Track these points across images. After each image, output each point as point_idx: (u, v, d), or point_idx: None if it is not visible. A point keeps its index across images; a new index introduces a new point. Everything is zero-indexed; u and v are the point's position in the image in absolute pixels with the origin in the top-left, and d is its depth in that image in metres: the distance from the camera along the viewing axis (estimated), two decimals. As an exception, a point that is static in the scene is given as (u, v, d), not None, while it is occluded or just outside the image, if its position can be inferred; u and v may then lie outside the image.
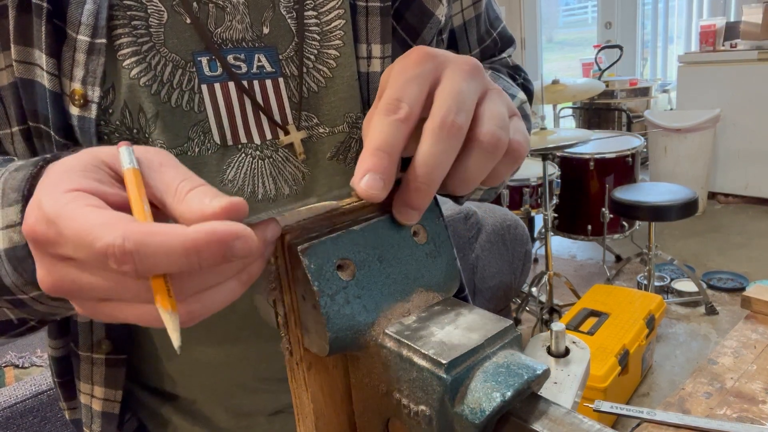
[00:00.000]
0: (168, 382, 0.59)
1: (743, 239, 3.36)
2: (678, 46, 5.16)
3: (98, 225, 0.26)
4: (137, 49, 0.47)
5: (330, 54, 0.52)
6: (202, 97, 0.49)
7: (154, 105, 0.47)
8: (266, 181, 0.52)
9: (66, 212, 0.26)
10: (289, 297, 0.33)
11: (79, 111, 0.45)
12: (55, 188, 0.28)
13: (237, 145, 0.51)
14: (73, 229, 0.26)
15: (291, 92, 0.52)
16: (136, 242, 0.25)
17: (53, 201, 0.27)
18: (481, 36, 0.66)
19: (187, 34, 0.48)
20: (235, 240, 0.26)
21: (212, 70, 0.49)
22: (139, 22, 0.46)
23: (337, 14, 0.52)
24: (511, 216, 2.39)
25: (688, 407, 0.63)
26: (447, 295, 0.37)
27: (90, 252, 0.25)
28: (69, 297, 0.29)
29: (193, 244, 0.25)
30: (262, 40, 0.50)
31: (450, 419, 0.30)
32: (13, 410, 1.08)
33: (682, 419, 0.60)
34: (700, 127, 3.64)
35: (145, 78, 0.47)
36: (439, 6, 0.56)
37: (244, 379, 0.58)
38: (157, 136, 0.48)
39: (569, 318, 2.10)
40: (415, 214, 0.33)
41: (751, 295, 0.80)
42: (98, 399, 0.57)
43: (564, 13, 6.23)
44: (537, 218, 3.10)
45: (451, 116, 0.32)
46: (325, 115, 0.53)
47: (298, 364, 0.34)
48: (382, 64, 0.53)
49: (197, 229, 0.26)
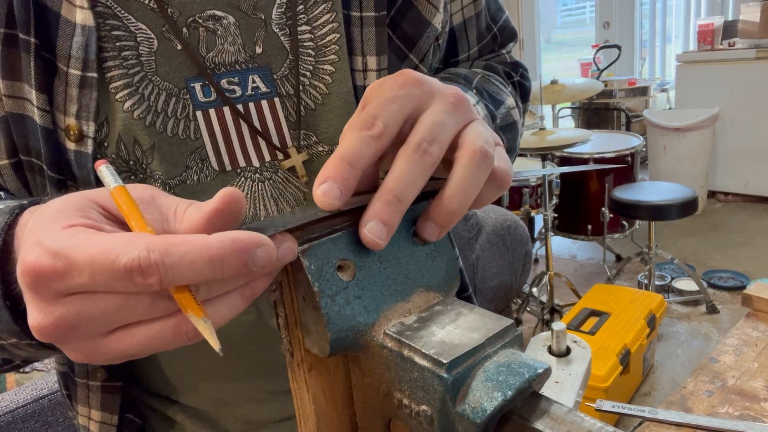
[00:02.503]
0: (175, 393, 0.59)
1: (743, 238, 3.36)
2: (676, 46, 5.17)
3: (118, 244, 0.25)
4: (129, 81, 0.46)
5: (326, 69, 0.51)
6: (198, 124, 0.48)
7: (149, 137, 0.47)
8: (267, 203, 0.51)
9: (74, 242, 0.26)
10: (289, 298, 0.33)
11: (76, 146, 0.45)
12: (52, 226, 0.27)
13: (236, 169, 0.50)
14: (88, 255, 0.25)
15: (288, 112, 0.51)
16: (162, 252, 0.25)
17: (55, 236, 0.26)
18: (480, 33, 0.66)
19: (179, 61, 0.47)
20: (257, 248, 0.26)
21: (206, 96, 0.48)
22: (129, 52, 0.46)
23: (332, 28, 0.51)
24: (511, 216, 2.39)
25: (689, 406, 0.63)
26: (447, 295, 0.37)
27: (112, 272, 0.25)
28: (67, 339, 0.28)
29: (218, 252, 0.25)
30: (255, 60, 0.49)
31: (451, 419, 0.30)
32: (15, 415, 1.08)
33: (684, 418, 0.60)
34: (699, 126, 3.65)
35: (138, 110, 0.46)
36: (435, 14, 0.55)
37: (252, 391, 0.57)
38: (155, 167, 0.47)
39: (570, 318, 2.10)
40: (385, 231, 0.31)
41: (752, 293, 0.80)
42: (95, 422, 0.56)
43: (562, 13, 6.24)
44: (537, 218, 3.10)
45: (425, 145, 0.32)
46: (324, 133, 0.52)
47: (299, 366, 0.34)
48: (378, 77, 0.52)
49: (220, 238, 0.26)
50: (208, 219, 0.28)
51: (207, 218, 0.28)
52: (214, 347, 0.27)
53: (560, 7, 6.17)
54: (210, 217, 0.28)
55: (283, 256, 0.29)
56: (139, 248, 0.25)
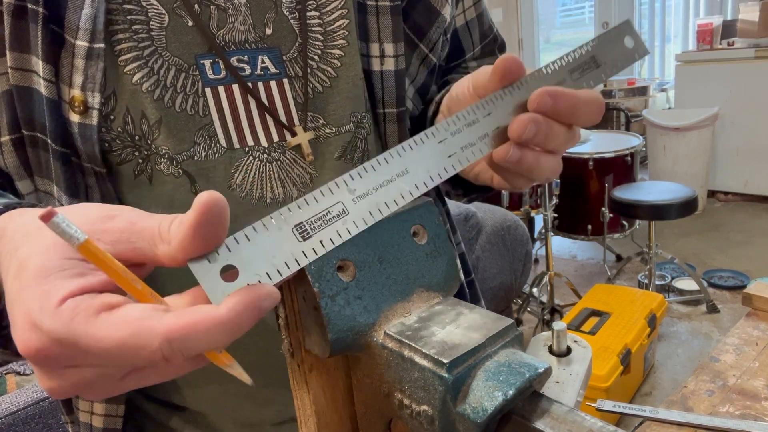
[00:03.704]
0: (175, 394, 0.58)
1: (743, 237, 3.36)
2: (675, 45, 5.17)
3: (131, 337, 0.25)
4: (139, 53, 0.46)
5: (334, 54, 0.53)
6: (207, 101, 0.49)
7: (157, 110, 0.47)
8: (274, 184, 0.52)
9: (80, 331, 0.25)
10: (289, 298, 0.33)
11: (80, 118, 0.45)
12: (43, 302, 0.26)
13: (244, 147, 0.50)
14: (104, 348, 0.25)
15: (296, 93, 0.52)
16: (181, 340, 0.25)
17: (52, 320, 0.26)
18: (483, 32, 0.68)
19: (189, 37, 0.48)
20: (265, 300, 0.27)
21: (216, 73, 0.49)
22: (140, 26, 0.46)
23: (341, 14, 0.52)
24: (511, 217, 2.39)
25: (690, 405, 0.63)
26: (447, 295, 0.37)
27: (132, 362, 0.26)
28: (82, 394, 0.28)
29: (235, 322, 0.26)
30: (265, 41, 0.50)
31: (452, 419, 0.30)
32: (15, 417, 1.07)
33: (685, 417, 0.59)
34: (699, 126, 3.65)
35: (147, 83, 0.47)
36: (445, 5, 0.57)
37: (252, 389, 0.57)
38: (162, 142, 0.48)
39: (571, 318, 2.10)
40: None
41: (752, 293, 0.80)
42: (99, 415, 0.55)
43: (561, 13, 6.24)
44: (537, 218, 3.10)
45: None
46: (331, 115, 0.53)
47: (300, 366, 0.34)
48: (395, 63, 0.54)
49: (231, 307, 0.26)
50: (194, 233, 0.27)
51: (193, 233, 0.27)
52: (246, 381, 0.28)
53: (559, 7, 6.17)
54: (195, 230, 0.27)
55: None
56: (157, 340, 0.25)
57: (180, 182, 0.49)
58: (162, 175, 0.48)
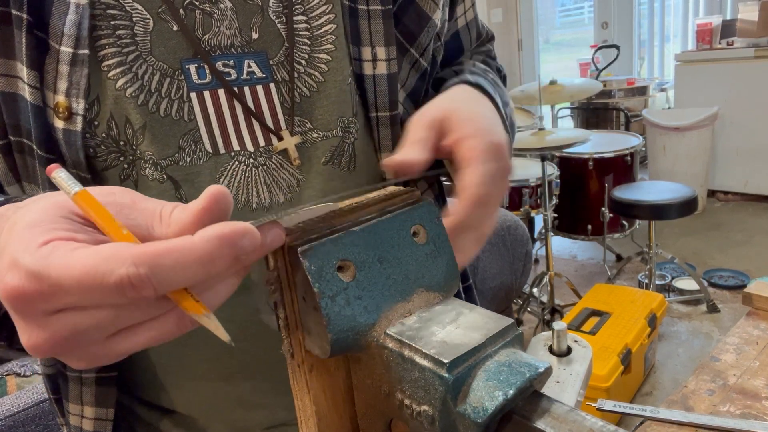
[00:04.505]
0: (165, 397, 0.58)
1: (743, 236, 3.36)
2: (675, 45, 5.17)
3: (101, 261, 0.25)
4: (122, 59, 0.46)
5: (321, 58, 0.52)
6: (192, 106, 0.48)
7: (141, 116, 0.47)
8: (260, 189, 0.51)
9: (55, 262, 0.25)
10: (289, 299, 0.33)
11: (64, 124, 0.45)
12: (28, 243, 0.26)
13: (230, 152, 0.50)
14: (73, 276, 0.25)
15: (283, 97, 0.51)
16: (150, 265, 0.24)
17: (31, 256, 0.25)
18: (479, 31, 0.71)
19: (174, 42, 0.47)
20: (243, 237, 0.26)
21: (201, 78, 0.48)
22: (124, 31, 0.46)
23: (328, 19, 0.52)
24: (511, 217, 2.39)
25: (691, 405, 0.63)
26: (447, 295, 0.37)
27: (102, 291, 0.25)
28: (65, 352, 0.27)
29: (207, 253, 0.25)
30: (251, 45, 0.50)
31: (453, 419, 0.30)
32: (15, 419, 1.07)
33: (686, 417, 0.59)
34: (699, 126, 3.65)
35: (131, 89, 0.46)
36: (436, 10, 0.57)
37: (242, 392, 0.56)
38: (146, 148, 0.47)
39: (571, 318, 2.09)
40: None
41: (753, 292, 0.80)
42: (89, 419, 0.55)
43: (560, 13, 6.24)
44: (537, 219, 3.10)
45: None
46: (318, 120, 0.53)
47: (300, 367, 0.34)
48: (388, 66, 0.54)
49: (206, 237, 0.25)
50: (197, 219, 0.27)
51: (196, 219, 0.27)
52: (223, 339, 0.27)
53: (558, 7, 6.18)
54: (199, 217, 0.27)
55: (272, 242, 0.29)
56: (125, 264, 0.24)
57: (165, 188, 0.49)
58: (147, 180, 0.48)
